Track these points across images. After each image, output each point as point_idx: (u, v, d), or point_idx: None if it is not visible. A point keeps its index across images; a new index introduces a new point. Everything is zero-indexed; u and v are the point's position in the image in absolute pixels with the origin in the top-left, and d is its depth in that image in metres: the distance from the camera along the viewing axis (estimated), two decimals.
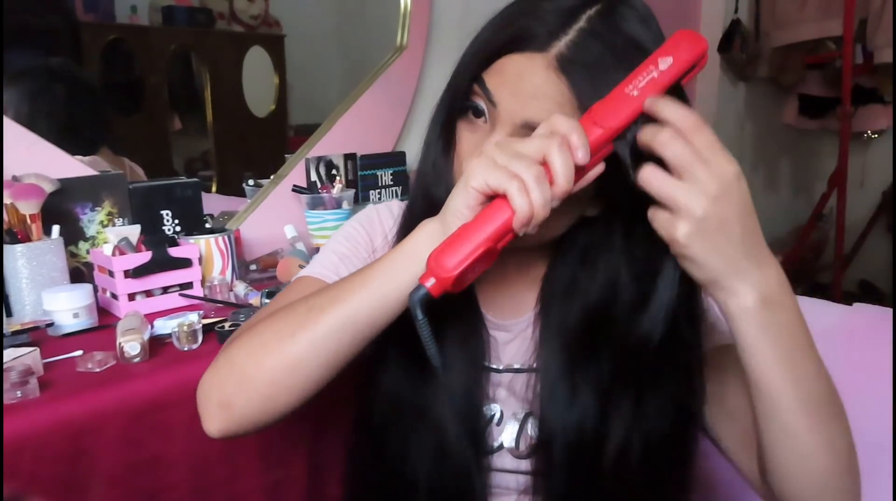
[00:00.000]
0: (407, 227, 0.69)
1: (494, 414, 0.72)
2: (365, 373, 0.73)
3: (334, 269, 0.73)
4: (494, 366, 0.72)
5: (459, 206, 0.53)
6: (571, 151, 0.50)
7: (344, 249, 0.76)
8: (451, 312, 0.68)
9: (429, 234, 0.55)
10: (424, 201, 0.67)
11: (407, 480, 0.68)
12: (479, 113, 0.61)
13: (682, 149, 0.48)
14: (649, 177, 0.50)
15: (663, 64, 0.52)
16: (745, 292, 0.51)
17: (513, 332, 0.73)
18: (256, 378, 0.59)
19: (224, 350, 0.64)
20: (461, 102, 0.62)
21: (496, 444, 0.71)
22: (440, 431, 0.67)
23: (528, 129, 0.57)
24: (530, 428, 0.71)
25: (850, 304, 1.03)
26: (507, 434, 0.71)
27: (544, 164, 0.50)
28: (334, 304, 0.58)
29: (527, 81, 0.57)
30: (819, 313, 1.04)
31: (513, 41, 0.58)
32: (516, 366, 0.72)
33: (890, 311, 0.98)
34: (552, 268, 0.71)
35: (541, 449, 0.69)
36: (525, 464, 0.71)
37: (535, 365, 0.70)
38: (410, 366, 0.68)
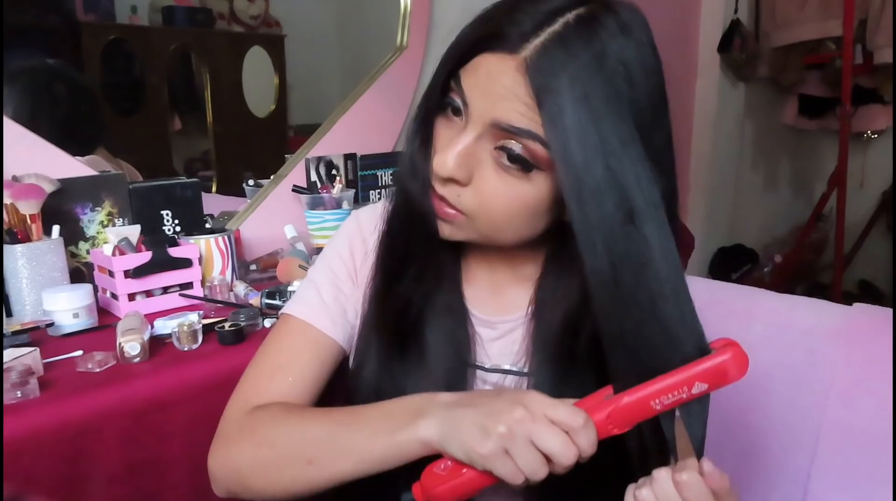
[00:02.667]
0: (388, 231, 0.70)
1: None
2: (350, 364, 0.75)
3: (320, 309, 0.74)
4: (481, 364, 0.72)
5: (467, 443, 0.54)
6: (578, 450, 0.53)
7: (326, 282, 0.76)
8: (437, 306, 0.69)
9: (428, 429, 0.57)
10: (401, 196, 0.68)
11: (391, 471, 0.68)
12: (456, 110, 0.61)
13: None
14: None
15: (697, 389, 0.52)
16: None
17: (499, 330, 0.73)
18: (258, 489, 0.65)
19: (229, 440, 0.69)
20: (439, 98, 0.62)
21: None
22: None
23: (497, 129, 0.57)
24: None
25: (850, 304, 1.03)
26: None
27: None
28: (334, 465, 0.61)
29: (496, 82, 0.56)
30: (819, 313, 1.05)
31: (486, 40, 0.58)
32: (505, 367, 0.72)
33: (890, 311, 0.98)
34: (546, 273, 0.71)
35: None
36: None
37: (525, 368, 0.70)
38: (391, 357, 0.69)
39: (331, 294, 0.75)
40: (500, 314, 0.73)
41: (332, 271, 0.77)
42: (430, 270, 0.69)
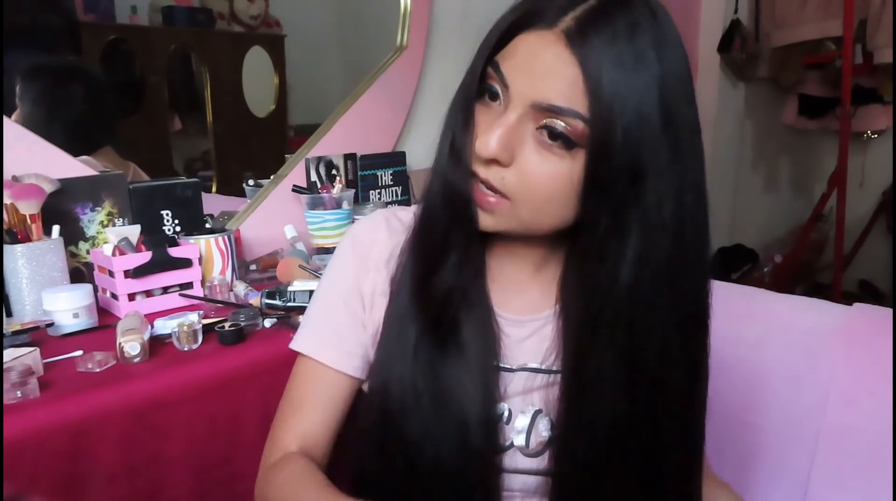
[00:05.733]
0: (426, 220, 0.69)
1: (503, 413, 0.71)
2: (375, 362, 0.73)
3: (334, 343, 0.73)
4: (507, 366, 0.72)
5: None
6: None
7: (330, 307, 0.75)
8: (471, 301, 0.69)
9: None
10: (442, 188, 0.66)
11: (426, 465, 0.68)
12: (494, 96, 0.61)
13: None
14: None
15: None
16: None
17: (529, 329, 0.73)
18: None
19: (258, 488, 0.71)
20: (477, 84, 0.62)
21: (507, 443, 0.71)
22: (462, 419, 0.67)
23: (538, 109, 0.58)
24: (542, 427, 0.71)
25: (850, 304, 1.03)
26: (517, 433, 0.71)
27: None
28: None
29: (538, 60, 0.57)
30: (819, 313, 1.05)
31: (523, 20, 0.59)
32: (532, 365, 0.72)
33: (890, 311, 0.98)
34: (567, 270, 0.71)
35: (561, 447, 0.69)
36: (534, 465, 0.71)
37: (553, 366, 0.70)
38: (431, 353, 0.68)
39: (337, 320, 0.74)
40: (529, 312, 0.73)
41: (336, 293, 0.75)
42: (466, 262, 0.68)
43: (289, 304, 1.04)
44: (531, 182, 0.60)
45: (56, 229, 1.08)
